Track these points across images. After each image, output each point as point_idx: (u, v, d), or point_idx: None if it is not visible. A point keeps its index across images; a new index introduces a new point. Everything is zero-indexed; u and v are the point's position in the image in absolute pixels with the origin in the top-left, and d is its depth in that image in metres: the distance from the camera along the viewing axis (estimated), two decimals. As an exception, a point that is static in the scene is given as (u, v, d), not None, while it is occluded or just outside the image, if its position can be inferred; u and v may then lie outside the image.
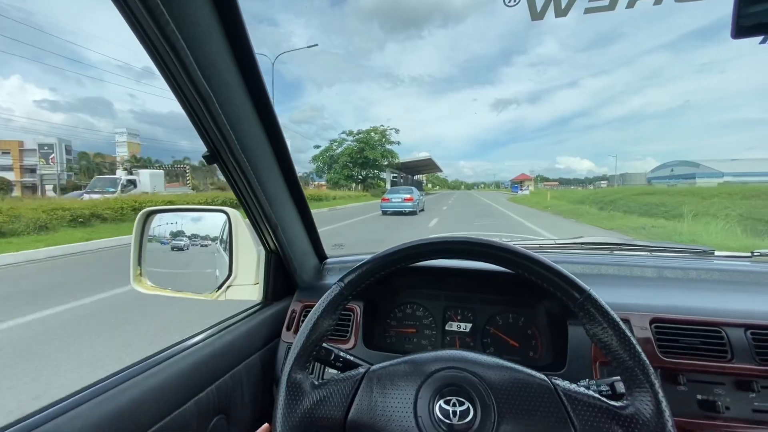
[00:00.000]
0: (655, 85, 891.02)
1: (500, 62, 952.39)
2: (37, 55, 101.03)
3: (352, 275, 0.57)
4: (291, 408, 0.50)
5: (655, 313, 0.72)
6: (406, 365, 0.52)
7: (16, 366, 2.54)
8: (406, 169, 54.09)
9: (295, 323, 0.92)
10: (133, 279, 0.87)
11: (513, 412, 0.46)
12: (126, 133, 48.03)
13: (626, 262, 0.95)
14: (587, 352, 0.72)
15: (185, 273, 0.95)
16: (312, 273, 1.03)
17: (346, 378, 0.53)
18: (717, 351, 0.67)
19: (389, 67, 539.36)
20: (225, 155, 0.68)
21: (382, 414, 0.49)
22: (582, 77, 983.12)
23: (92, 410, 0.50)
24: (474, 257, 0.56)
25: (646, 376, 0.44)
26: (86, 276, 5.19)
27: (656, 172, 75.69)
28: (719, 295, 0.79)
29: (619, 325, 0.47)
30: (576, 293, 0.49)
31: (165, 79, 0.58)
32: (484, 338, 0.89)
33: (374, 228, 10.51)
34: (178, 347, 0.69)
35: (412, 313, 0.95)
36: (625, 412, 0.43)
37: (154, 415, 0.57)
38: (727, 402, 0.65)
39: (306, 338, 0.54)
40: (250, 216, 0.84)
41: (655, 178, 69.90)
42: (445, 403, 0.48)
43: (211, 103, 0.58)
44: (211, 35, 0.56)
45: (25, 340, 2.97)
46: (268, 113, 0.71)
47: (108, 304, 3.83)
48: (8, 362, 2.59)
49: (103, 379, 0.56)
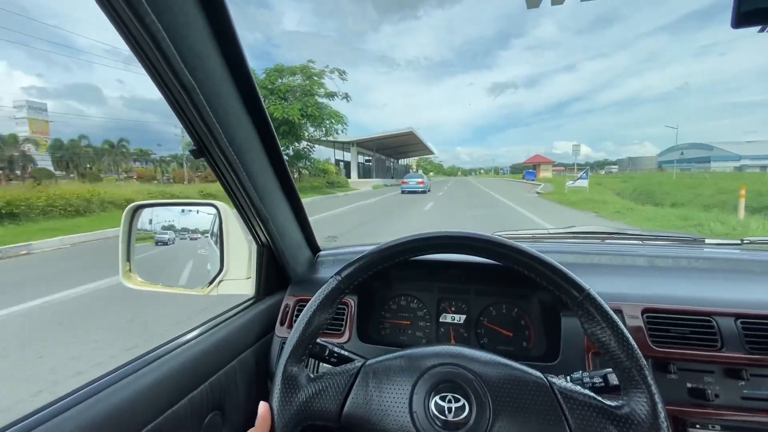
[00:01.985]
0: (653, 68, 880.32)
1: (497, 45, 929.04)
2: (22, 40, 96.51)
3: (349, 269, 0.57)
4: (286, 401, 0.50)
5: (647, 303, 0.73)
6: (402, 360, 0.52)
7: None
8: (383, 150, 41.02)
9: (288, 318, 0.91)
10: (122, 275, 0.86)
11: (508, 409, 0.46)
12: (26, 107, 37.80)
13: (618, 251, 0.96)
14: (580, 343, 0.73)
15: (175, 268, 0.93)
16: (305, 266, 1.03)
17: (342, 371, 0.53)
18: (707, 340, 0.68)
19: (384, 50, 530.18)
20: (212, 149, 0.67)
21: (377, 408, 0.49)
22: (580, 60, 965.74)
23: (86, 411, 0.49)
24: (473, 252, 0.55)
25: (643, 377, 0.44)
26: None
27: (665, 156, 71.93)
28: (710, 284, 0.80)
29: (618, 325, 0.47)
30: (575, 292, 0.49)
31: (147, 71, 0.55)
32: (478, 329, 0.90)
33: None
34: (171, 345, 0.69)
35: (406, 306, 0.96)
36: (621, 411, 0.44)
37: (148, 415, 0.56)
38: (716, 390, 0.66)
39: (302, 332, 0.54)
40: (239, 210, 0.83)
41: (665, 162, 66.43)
42: (440, 400, 0.48)
43: (195, 95, 0.56)
44: (194, 24, 0.53)
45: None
46: (256, 104, 0.69)
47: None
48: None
49: (96, 380, 0.56)
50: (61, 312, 3.44)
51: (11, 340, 2.87)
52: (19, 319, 3.28)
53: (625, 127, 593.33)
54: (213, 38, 0.57)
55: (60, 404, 0.50)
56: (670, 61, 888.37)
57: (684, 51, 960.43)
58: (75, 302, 3.69)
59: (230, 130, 0.65)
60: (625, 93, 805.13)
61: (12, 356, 2.62)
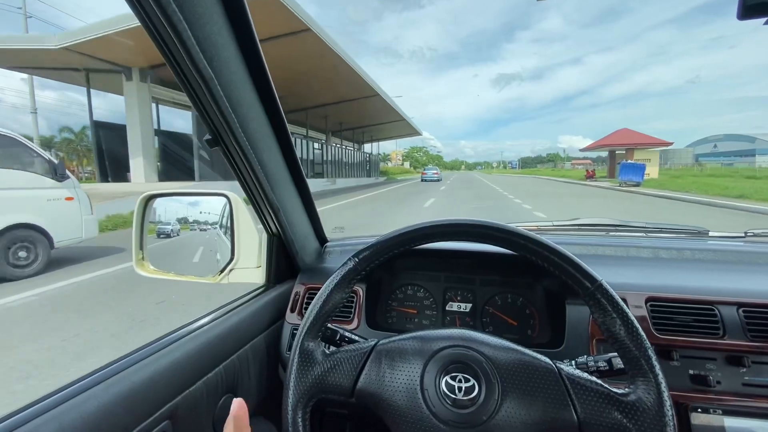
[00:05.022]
0: (660, 61, 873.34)
1: (503, 38, 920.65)
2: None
3: (366, 251, 0.58)
4: (302, 374, 0.52)
5: (651, 292, 0.74)
6: (414, 341, 0.54)
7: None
8: (338, 132, 26.66)
9: (299, 305, 0.93)
10: (135, 263, 0.87)
11: (516, 391, 0.47)
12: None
13: (622, 242, 0.97)
14: (584, 331, 0.74)
15: (186, 257, 0.95)
16: (313, 256, 1.04)
17: (356, 349, 0.55)
18: (710, 328, 0.69)
19: (388, 41, 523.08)
20: (227, 139, 0.68)
21: (389, 385, 0.50)
22: (586, 53, 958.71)
23: (107, 390, 0.51)
24: (487, 240, 0.56)
25: (651, 367, 0.45)
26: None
27: (698, 149, 65.04)
28: (713, 275, 0.81)
29: (628, 315, 0.48)
30: (587, 282, 0.50)
31: (167, 62, 0.57)
32: (484, 318, 0.92)
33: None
34: (187, 329, 0.70)
35: (412, 294, 0.97)
36: (627, 399, 0.45)
37: (165, 395, 0.58)
38: (718, 376, 0.67)
39: (319, 309, 0.56)
40: (251, 199, 0.84)
41: (703, 156, 59.16)
42: (451, 379, 0.49)
43: (213, 85, 0.58)
44: (212, 14, 0.54)
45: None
46: (269, 95, 0.70)
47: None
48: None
49: (117, 360, 0.57)
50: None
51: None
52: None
53: (632, 122, 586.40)
54: (229, 29, 0.59)
55: (87, 381, 0.52)
56: (677, 55, 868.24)
57: (692, 44, 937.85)
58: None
59: (245, 121, 0.66)
60: (632, 87, 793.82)
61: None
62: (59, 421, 0.45)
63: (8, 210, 4.30)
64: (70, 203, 4.87)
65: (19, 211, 4.39)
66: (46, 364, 2.37)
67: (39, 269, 4.50)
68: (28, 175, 4.52)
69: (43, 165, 4.64)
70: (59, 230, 4.73)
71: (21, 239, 4.38)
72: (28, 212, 4.46)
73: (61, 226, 4.76)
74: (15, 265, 4.31)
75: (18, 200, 4.39)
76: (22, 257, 4.38)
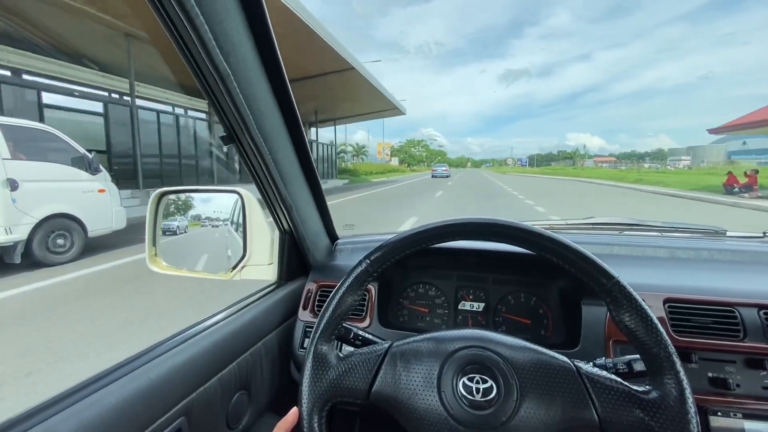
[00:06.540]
0: (670, 58, 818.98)
1: (510, 34, 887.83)
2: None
3: (378, 253, 0.57)
4: (317, 378, 0.52)
5: (669, 293, 0.73)
6: (429, 342, 0.53)
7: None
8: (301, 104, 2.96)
9: (311, 302, 0.93)
10: (148, 259, 0.89)
11: (535, 391, 0.46)
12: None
13: (638, 242, 0.94)
14: (601, 331, 0.73)
15: (198, 253, 0.95)
16: (324, 253, 1.04)
17: (370, 352, 0.54)
18: (729, 330, 0.68)
19: (394, 36, 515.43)
20: (242, 136, 0.68)
21: (406, 387, 0.50)
22: (594, 50, 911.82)
23: (126, 386, 0.52)
24: (501, 239, 0.55)
25: (672, 363, 0.44)
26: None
27: (727, 145, 60.79)
28: (732, 275, 0.79)
29: (646, 311, 0.47)
30: (604, 279, 0.49)
31: (184, 58, 0.57)
32: (496, 317, 0.90)
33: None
34: (201, 326, 0.71)
35: (424, 293, 0.96)
36: (648, 396, 0.44)
37: (181, 391, 0.59)
38: (737, 379, 0.66)
39: (332, 312, 0.55)
40: (264, 196, 0.84)
41: (736, 153, 55.26)
42: (468, 381, 0.48)
43: (229, 82, 0.57)
44: (229, 10, 0.54)
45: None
46: (284, 92, 0.70)
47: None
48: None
49: (133, 357, 0.58)
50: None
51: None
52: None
53: (641, 119, 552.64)
54: (246, 25, 0.58)
55: (106, 377, 0.52)
56: (688, 51, 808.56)
57: (704, 40, 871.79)
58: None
59: (260, 118, 0.66)
60: (641, 84, 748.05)
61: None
62: (79, 417, 0.45)
63: (49, 200, 4.60)
64: (103, 195, 5.17)
65: (58, 201, 4.69)
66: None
67: (74, 256, 4.79)
68: (66, 168, 4.83)
69: (79, 159, 4.94)
70: (92, 220, 5.02)
71: (59, 227, 4.68)
72: (66, 203, 4.75)
73: (94, 217, 5.06)
74: (54, 252, 4.61)
75: (57, 191, 4.70)
76: (59, 244, 4.68)
